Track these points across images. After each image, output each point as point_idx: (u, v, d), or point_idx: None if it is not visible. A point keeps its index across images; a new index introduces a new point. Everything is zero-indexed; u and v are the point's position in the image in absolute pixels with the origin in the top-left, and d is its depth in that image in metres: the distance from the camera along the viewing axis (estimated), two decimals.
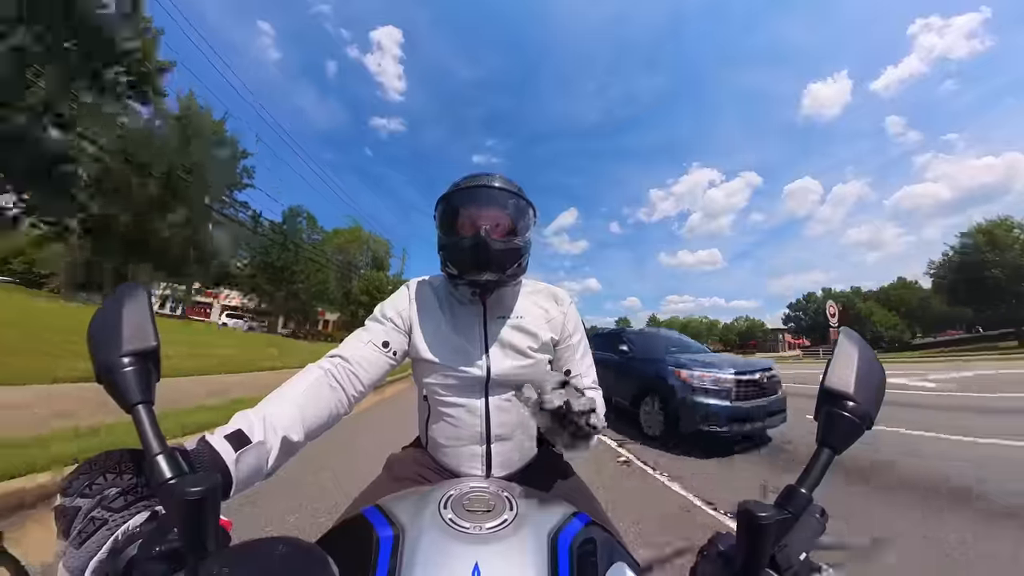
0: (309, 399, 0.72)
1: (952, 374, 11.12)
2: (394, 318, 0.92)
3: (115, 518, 0.38)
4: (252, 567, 0.32)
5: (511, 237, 0.88)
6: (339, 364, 0.81)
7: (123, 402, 0.39)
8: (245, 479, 0.56)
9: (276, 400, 0.69)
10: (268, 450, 0.60)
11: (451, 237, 0.88)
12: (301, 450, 0.68)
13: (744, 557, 0.38)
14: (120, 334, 0.41)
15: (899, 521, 2.57)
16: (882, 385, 0.48)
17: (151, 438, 0.38)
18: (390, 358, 0.88)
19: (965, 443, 4.34)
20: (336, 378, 0.79)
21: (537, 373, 0.92)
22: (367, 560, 0.43)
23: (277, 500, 2.67)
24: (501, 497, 0.51)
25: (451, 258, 0.87)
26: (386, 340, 0.89)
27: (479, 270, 0.83)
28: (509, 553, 0.42)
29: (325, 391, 0.75)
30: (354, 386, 0.80)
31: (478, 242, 0.81)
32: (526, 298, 1.00)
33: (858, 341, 0.49)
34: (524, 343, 0.92)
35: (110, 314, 0.43)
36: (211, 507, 0.33)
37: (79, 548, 0.37)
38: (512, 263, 0.88)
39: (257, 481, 0.59)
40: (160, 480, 0.36)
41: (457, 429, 0.89)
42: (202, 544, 0.32)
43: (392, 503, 0.53)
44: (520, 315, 0.96)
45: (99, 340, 0.42)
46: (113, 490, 0.40)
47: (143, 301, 0.45)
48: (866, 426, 0.44)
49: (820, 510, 0.45)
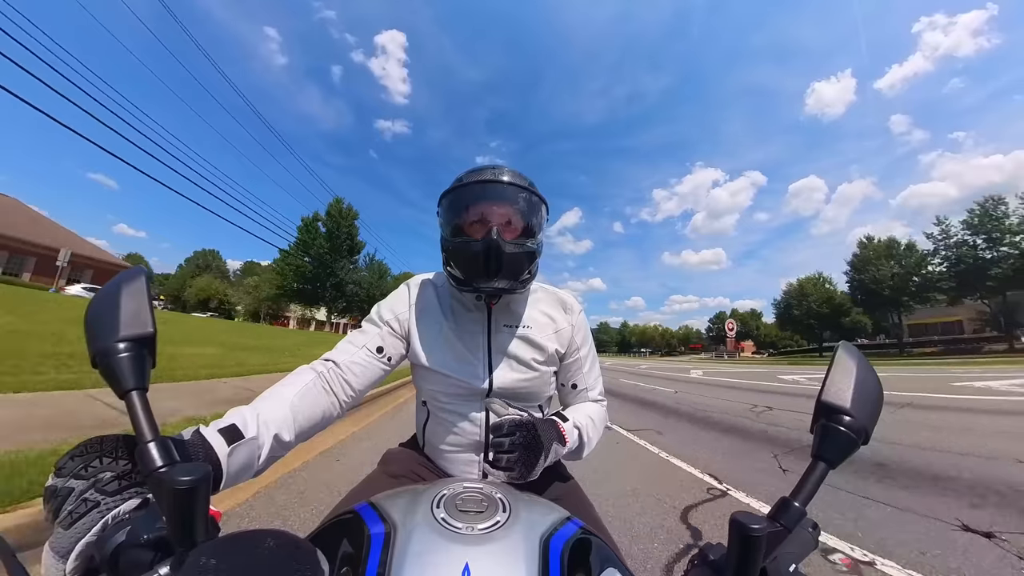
0: (302, 401, 0.71)
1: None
2: (391, 322, 0.89)
3: (107, 501, 0.38)
4: (239, 558, 0.32)
5: (524, 239, 0.80)
6: (331, 369, 0.79)
7: (117, 388, 0.39)
8: (236, 473, 0.56)
9: (270, 399, 0.68)
10: (260, 446, 0.60)
11: (457, 238, 0.81)
12: (291, 450, 0.68)
13: (735, 568, 0.38)
14: (117, 319, 0.41)
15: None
16: (879, 400, 0.47)
17: (144, 425, 0.38)
18: (384, 364, 0.85)
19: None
20: (328, 383, 0.77)
21: (538, 386, 0.92)
22: (357, 556, 0.43)
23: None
24: (495, 499, 0.51)
25: (457, 261, 0.80)
26: (380, 345, 0.86)
27: (489, 277, 0.76)
28: (500, 554, 0.42)
29: (318, 395, 0.75)
30: (346, 392, 0.79)
31: (489, 245, 0.73)
32: (533, 306, 0.94)
33: (856, 356, 0.49)
34: (529, 355, 0.88)
35: (108, 299, 0.43)
36: (201, 497, 0.32)
37: (68, 529, 0.37)
38: (525, 268, 0.80)
39: (247, 477, 0.59)
40: (151, 467, 0.36)
41: (456, 436, 0.88)
42: (190, 533, 0.32)
43: (385, 500, 0.53)
44: (527, 325, 0.90)
45: (96, 325, 0.41)
46: (108, 473, 0.40)
47: (142, 287, 0.44)
48: (862, 441, 0.44)
49: (812, 524, 0.45)
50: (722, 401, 8.22)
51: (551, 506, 0.57)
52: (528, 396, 0.90)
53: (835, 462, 0.43)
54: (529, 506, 0.53)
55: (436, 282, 0.95)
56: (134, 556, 0.34)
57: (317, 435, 0.76)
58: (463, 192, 0.81)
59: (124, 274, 0.45)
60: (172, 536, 0.33)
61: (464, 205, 0.81)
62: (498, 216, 0.79)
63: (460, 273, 0.79)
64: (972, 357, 25.64)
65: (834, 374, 0.47)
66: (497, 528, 0.45)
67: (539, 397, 0.93)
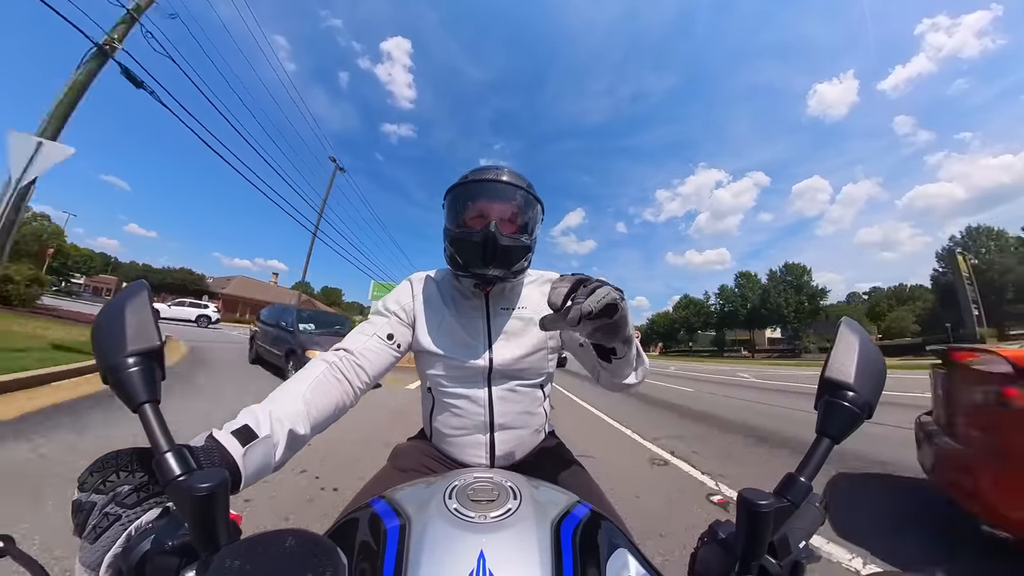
0: (315, 393, 0.72)
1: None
2: (398, 311, 0.93)
3: (128, 514, 0.39)
4: (262, 559, 0.32)
5: (519, 234, 0.88)
6: (344, 357, 0.82)
7: (130, 402, 0.40)
8: (253, 473, 0.57)
9: (281, 395, 0.69)
10: (275, 444, 0.61)
11: (459, 229, 0.88)
12: (308, 442, 0.69)
13: (743, 544, 0.39)
14: (124, 334, 0.42)
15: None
16: (882, 375, 0.47)
17: (159, 436, 0.39)
18: (394, 350, 0.89)
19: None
20: (342, 371, 0.79)
21: (537, 362, 0.94)
22: (375, 550, 0.44)
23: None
24: (505, 487, 0.52)
25: (458, 250, 0.87)
26: (391, 333, 0.90)
27: (485, 264, 0.83)
28: (513, 541, 0.43)
29: (331, 385, 0.76)
30: (359, 378, 0.81)
31: (486, 236, 0.80)
32: (528, 289, 1.00)
33: (859, 331, 0.49)
34: (526, 332, 0.93)
35: (114, 315, 0.43)
36: (220, 502, 0.33)
37: (94, 543, 0.38)
38: (518, 259, 0.87)
39: (266, 475, 0.60)
40: (169, 477, 0.37)
41: (461, 419, 0.90)
42: (213, 538, 0.33)
43: (398, 494, 0.54)
44: (523, 305, 0.96)
45: (104, 341, 0.42)
46: (125, 487, 0.41)
47: (144, 301, 0.44)
48: (866, 416, 0.44)
49: (820, 499, 0.46)
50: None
51: (560, 491, 0.59)
52: (528, 373, 0.93)
53: (839, 437, 0.43)
54: (539, 492, 0.54)
55: (436, 277, 1.01)
56: (160, 563, 0.35)
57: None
58: (467, 188, 0.89)
59: (127, 289, 0.46)
60: (195, 542, 0.34)
61: (467, 200, 0.89)
62: (496, 211, 0.86)
63: (461, 260, 0.86)
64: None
65: (837, 350, 0.47)
66: (509, 515, 0.46)
67: (539, 374, 0.96)
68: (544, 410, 0.99)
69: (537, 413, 0.96)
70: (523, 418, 0.93)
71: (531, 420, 0.95)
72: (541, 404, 0.97)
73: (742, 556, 0.39)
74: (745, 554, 0.39)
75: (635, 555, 0.46)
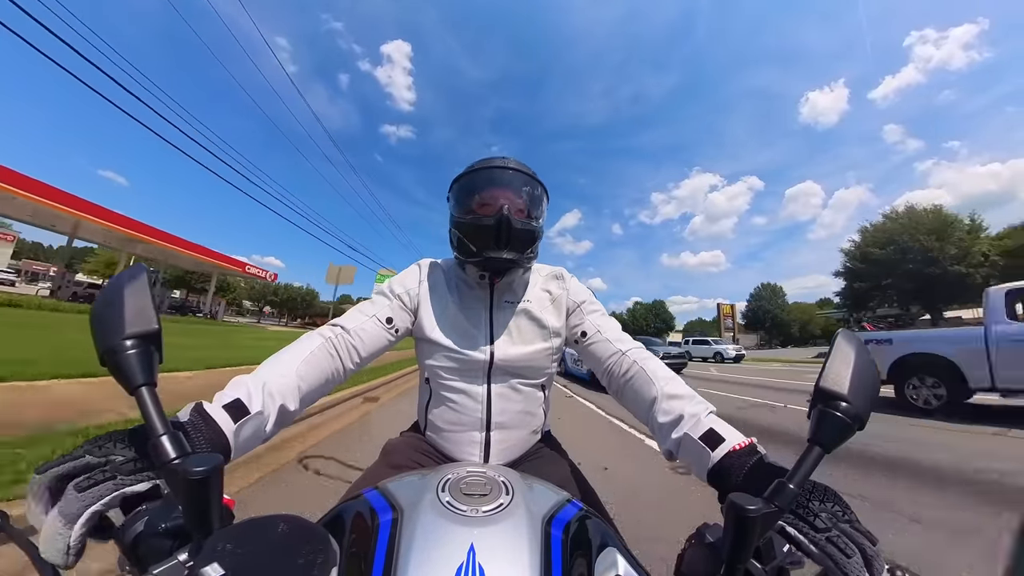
0: (309, 367, 0.72)
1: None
2: (402, 295, 0.92)
3: (123, 479, 0.39)
4: (255, 544, 0.33)
5: (528, 219, 0.88)
6: (340, 334, 0.81)
7: (127, 384, 0.40)
8: (243, 446, 0.57)
9: (275, 366, 0.69)
10: (266, 419, 0.61)
11: (470, 216, 0.87)
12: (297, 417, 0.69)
13: (730, 547, 0.39)
14: (122, 317, 0.42)
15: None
16: (876, 388, 0.47)
17: (155, 419, 0.39)
18: (391, 335, 0.89)
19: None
20: (336, 347, 0.79)
21: (539, 361, 0.93)
22: (367, 540, 0.44)
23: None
24: (498, 482, 0.53)
25: (469, 235, 0.85)
26: (390, 316, 0.89)
27: (499, 247, 0.82)
28: (503, 535, 0.43)
29: (324, 360, 0.76)
30: (351, 358, 0.81)
31: (500, 220, 0.80)
32: (532, 284, 0.99)
33: (855, 342, 0.49)
34: (530, 330, 0.92)
35: (112, 297, 0.43)
36: (215, 486, 0.34)
37: (80, 492, 0.37)
38: (529, 245, 0.87)
39: (254, 447, 0.61)
40: (164, 460, 0.37)
41: (457, 414, 0.89)
42: (206, 521, 0.34)
43: (392, 485, 0.55)
44: (528, 299, 0.95)
45: (102, 323, 0.42)
46: (121, 457, 0.41)
47: (144, 284, 0.44)
48: (857, 427, 0.44)
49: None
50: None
51: (552, 488, 0.59)
52: (529, 371, 0.92)
53: (830, 447, 0.44)
54: (531, 489, 0.55)
55: (444, 265, 1.00)
56: (153, 544, 0.35)
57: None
58: (475, 176, 0.89)
59: (126, 272, 0.46)
60: (189, 524, 0.34)
61: (476, 188, 0.88)
62: (506, 198, 0.86)
63: (472, 245, 0.85)
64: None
65: (833, 360, 0.47)
66: (501, 510, 0.46)
67: (540, 374, 0.94)
68: (543, 411, 0.98)
69: (536, 414, 0.95)
70: (521, 418, 0.91)
71: (529, 421, 0.93)
72: (541, 405, 0.96)
73: (728, 559, 0.39)
74: (731, 558, 0.39)
75: (623, 554, 0.47)
